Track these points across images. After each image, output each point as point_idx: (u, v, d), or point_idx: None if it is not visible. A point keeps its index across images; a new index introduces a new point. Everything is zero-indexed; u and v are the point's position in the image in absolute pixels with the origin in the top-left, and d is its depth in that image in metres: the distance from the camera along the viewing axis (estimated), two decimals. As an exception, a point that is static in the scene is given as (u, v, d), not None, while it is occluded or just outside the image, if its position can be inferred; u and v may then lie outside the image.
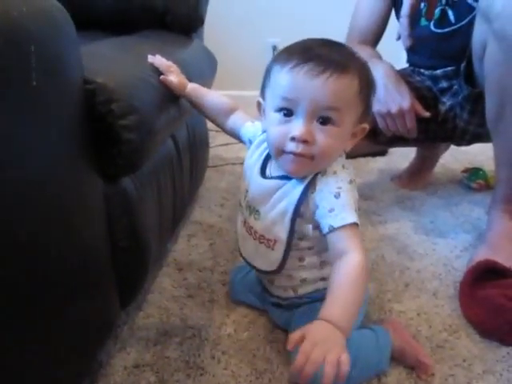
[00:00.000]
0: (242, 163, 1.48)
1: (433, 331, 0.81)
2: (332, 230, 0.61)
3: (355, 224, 0.61)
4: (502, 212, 1.01)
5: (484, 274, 0.90)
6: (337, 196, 0.61)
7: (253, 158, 0.73)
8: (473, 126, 1.12)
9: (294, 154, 0.61)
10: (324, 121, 0.60)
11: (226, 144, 1.75)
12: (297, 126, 0.60)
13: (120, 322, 0.82)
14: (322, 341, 0.51)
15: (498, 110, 0.93)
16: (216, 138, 1.78)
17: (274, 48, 2.26)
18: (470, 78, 1.06)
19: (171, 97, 0.78)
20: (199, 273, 0.97)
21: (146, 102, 0.66)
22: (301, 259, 0.70)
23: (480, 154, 1.60)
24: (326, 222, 0.62)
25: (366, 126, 0.68)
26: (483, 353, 0.76)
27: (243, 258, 0.77)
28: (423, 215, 1.22)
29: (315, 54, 0.60)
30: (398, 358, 0.73)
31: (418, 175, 1.41)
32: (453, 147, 1.49)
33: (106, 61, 0.69)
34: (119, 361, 0.74)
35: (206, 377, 0.71)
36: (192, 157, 1.11)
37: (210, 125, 1.43)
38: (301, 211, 0.65)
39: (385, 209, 1.26)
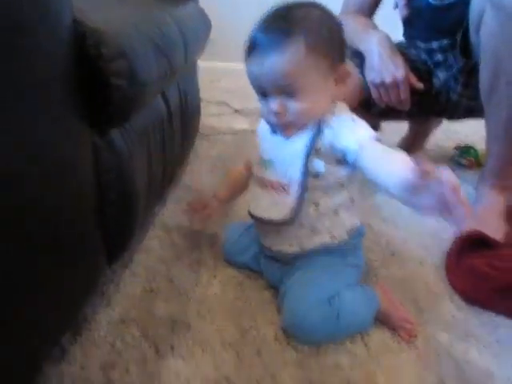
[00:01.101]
0: (233, 133, 1.47)
1: (418, 296, 0.82)
2: (362, 147, 0.64)
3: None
4: (490, 186, 1.02)
5: (470, 245, 0.91)
6: (354, 120, 0.68)
7: (263, 124, 0.79)
8: (466, 99, 1.12)
9: (277, 124, 0.70)
10: (288, 93, 0.66)
11: (218, 114, 1.74)
12: (270, 103, 0.68)
13: (106, 279, 0.81)
14: None
15: (491, 80, 0.93)
16: (208, 108, 1.76)
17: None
18: (466, 49, 1.06)
19: (163, 51, 0.76)
20: (187, 235, 0.96)
21: (137, 50, 0.64)
22: (316, 204, 0.72)
23: (472, 134, 1.60)
24: (353, 140, 0.65)
25: (345, 66, 0.69)
26: (466, 318, 0.77)
27: (254, 217, 0.77)
28: (413, 188, 1.22)
29: (256, 41, 0.66)
30: (383, 320, 0.74)
31: (409, 150, 1.41)
32: (445, 125, 1.49)
33: (99, 7, 0.67)
34: (104, 316, 0.74)
35: (192, 333, 0.71)
36: (183, 121, 1.09)
37: (202, 94, 1.43)
38: (315, 147, 0.68)
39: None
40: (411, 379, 0.65)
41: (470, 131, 1.62)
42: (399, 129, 1.49)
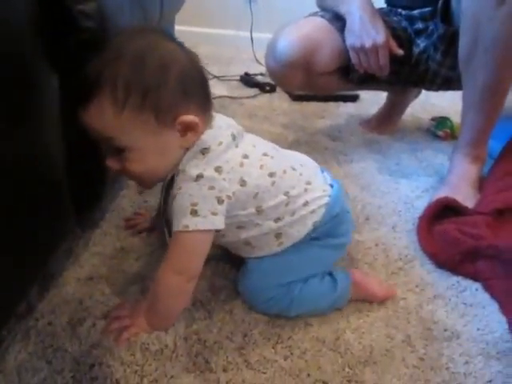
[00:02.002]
0: (215, 98, 1.41)
1: (389, 260, 0.83)
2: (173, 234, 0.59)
3: (183, 230, 0.57)
4: (463, 155, 1.03)
5: (442, 211, 0.92)
6: (174, 198, 0.58)
7: None
8: (445, 68, 1.12)
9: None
10: (115, 152, 0.58)
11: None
12: (106, 159, 0.60)
13: (75, 237, 0.79)
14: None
15: (470, 48, 0.93)
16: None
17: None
18: (447, 16, 1.05)
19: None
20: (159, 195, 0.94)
21: (107, -7, 0.60)
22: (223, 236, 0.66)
23: (448, 107, 1.61)
24: (175, 220, 0.58)
25: (188, 117, 0.57)
26: (435, 280, 0.79)
27: None
28: (388, 158, 1.23)
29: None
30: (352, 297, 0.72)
31: (386, 120, 1.41)
32: (423, 97, 1.49)
33: None
34: (72, 273, 0.72)
35: (162, 291, 0.71)
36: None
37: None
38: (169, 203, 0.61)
39: (352, 149, 1.25)
40: (379, 336, 0.67)
41: (447, 104, 1.62)
42: (377, 100, 1.49)
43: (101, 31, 0.57)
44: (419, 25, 1.15)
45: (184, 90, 0.57)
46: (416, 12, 1.15)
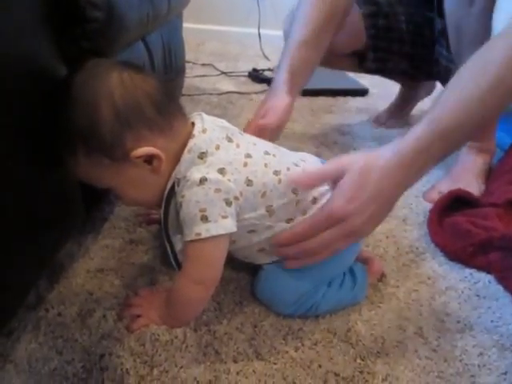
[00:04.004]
0: (218, 94, 1.43)
1: (400, 252, 0.82)
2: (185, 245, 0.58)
3: (196, 239, 0.55)
4: (467, 148, 1.04)
5: (452, 203, 0.91)
6: (179, 207, 0.55)
7: None
8: (454, 64, 1.11)
9: None
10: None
11: (204, 76, 1.70)
12: None
13: (85, 231, 0.80)
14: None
15: (458, 42, 0.95)
16: (193, 70, 1.72)
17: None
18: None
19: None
20: (169, 191, 0.94)
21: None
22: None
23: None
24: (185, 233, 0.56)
25: (141, 150, 0.53)
26: (447, 273, 0.78)
27: None
28: (398, 151, 1.21)
29: None
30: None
31: (396, 115, 1.40)
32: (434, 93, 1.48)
33: None
34: (82, 265, 0.72)
35: (171, 283, 0.70)
36: (167, 77, 1.06)
37: (188, 56, 1.38)
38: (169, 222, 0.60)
39: (361, 143, 1.24)
40: (391, 328, 0.66)
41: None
42: (387, 95, 1.48)
43: (108, 21, 0.56)
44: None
45: (125, 122, 0.52)
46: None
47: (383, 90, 1.55)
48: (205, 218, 0.54)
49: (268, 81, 1.68)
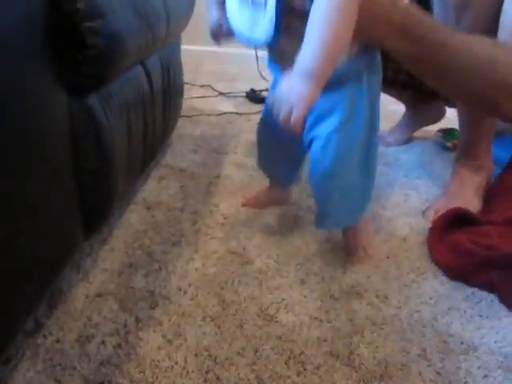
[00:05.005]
0: (217, 114, 1.45)
1: (401, 272, 0.81)
2: None
3: None
4: (463, 165, 1.05)
5: (452, 222, 0.91)
6: None
7: None
8: None
9: None
10: None
11: (202, 96, 1.71)
12: None
13: (83, 254, 0.79)
14: (285, 98, 0.55)
15: None
16: (192, 91, 1.73)
17: (255, 4, 2.20)
18: None
19: (144, 16, 0.73)
20: (168, 212, 0.94)
21: (115, 10, 0.61)
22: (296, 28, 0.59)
23: (456, 118, 1.60)
24: None
25: None
26: (449, 292, 0.77)
27: (239, 37, 0.67)
28: (397, 169, 1.22)
29: None
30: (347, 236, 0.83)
31: (398, 135, 1.40)
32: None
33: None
34: (81, 289, 0.72)
35: (172, 306, 0.70)
36: (166, 99, 1.07)
37: (186, 78, 1.39)
38: None
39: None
40: (394, 351, 0.65)
41: (454, 115, 1.61)
42: (385, 114, 1.48)
43: (109, 48, 0.57)
44: None
45: None
46: None
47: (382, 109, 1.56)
48: None
49: (265, 101, 1.69)
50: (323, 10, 0.54)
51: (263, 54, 2.31)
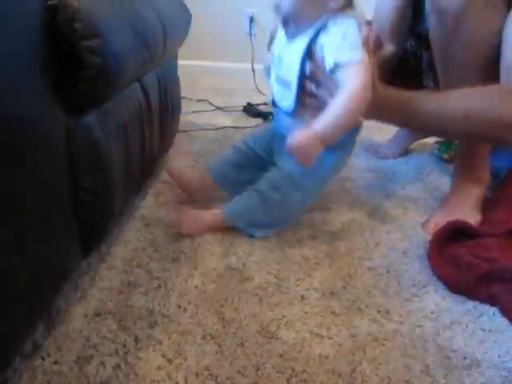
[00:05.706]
0: (214, 129, 1.47)
1: (402, 286, 0.81)
2: (338, 66, 0.75)
3: (361, 62, 0.75)
4: (461, 178, 1.04)
5: (452, 235, 0.90)
6: (344, 36, 0.74)
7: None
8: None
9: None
10: None
11: (199, 111, 1.72)
12: None
13: (81, 272, 0.78)
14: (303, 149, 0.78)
15: (445, 82, 0.95)
16: (189, 106, 1.74)
17: (251, 19, 2.22)
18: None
19: (141, 35, 0.74)
20: (167, 229, 0.93)
21: (113, 30, 0.61)
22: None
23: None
24: (332, 56, 0.75)
25: None
26: (450, 306, 0.77)
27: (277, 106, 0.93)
28: (395, 182, 1.22)
29: None
30: None
31: (395, 148, 1.41)
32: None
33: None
34: (79, 309, 0.71)
35: (171, 325, 0.69)
36: (163, 116, 1.07)
37: (183, 93, 1.40)
38: (311, 52, 0.78)
39: (357, 175, 1.25)
40: (396, 367, 0.64)
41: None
42: (381, 126, 1.49)
43: (106, 67, 0.57)
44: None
45: None
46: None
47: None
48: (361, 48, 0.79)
49: (263, 115, 1.70)
50: (344, 98, 0.77)
51: (259, 67, 2.33)
